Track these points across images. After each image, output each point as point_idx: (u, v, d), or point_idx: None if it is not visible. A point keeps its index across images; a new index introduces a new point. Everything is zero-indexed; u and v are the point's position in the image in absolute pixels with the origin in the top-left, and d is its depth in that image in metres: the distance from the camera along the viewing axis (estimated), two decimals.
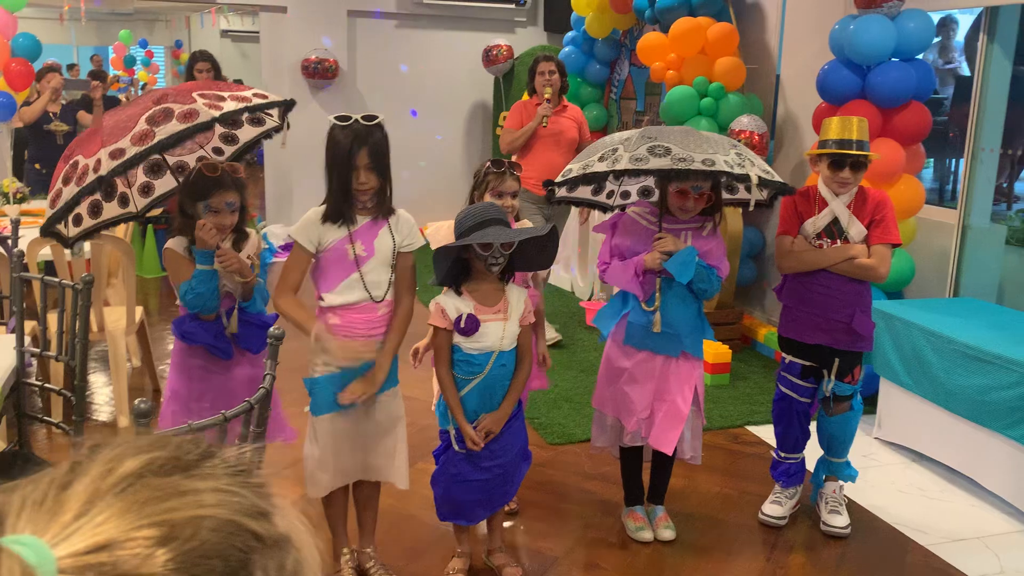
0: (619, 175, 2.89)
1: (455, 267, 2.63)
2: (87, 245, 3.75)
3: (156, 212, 4.79)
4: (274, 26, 7.96)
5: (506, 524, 3.17)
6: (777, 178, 2.77)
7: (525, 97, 5.34)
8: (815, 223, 3.05)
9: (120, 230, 4.16)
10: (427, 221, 8.54)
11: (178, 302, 2.67)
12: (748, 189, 2.80)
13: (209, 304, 2.56)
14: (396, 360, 2.71)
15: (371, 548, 2.81)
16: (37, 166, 6.25)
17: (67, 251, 3.66)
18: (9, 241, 3.78)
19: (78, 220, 2.62)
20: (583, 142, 5.08)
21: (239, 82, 13.09)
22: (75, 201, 2.44)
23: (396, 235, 2.60)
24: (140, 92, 14.81)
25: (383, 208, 2.59)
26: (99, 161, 2.38)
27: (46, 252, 3.71)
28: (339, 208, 2.54)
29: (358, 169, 2.48)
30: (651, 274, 2.89)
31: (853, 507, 3.37)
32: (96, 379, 4.62)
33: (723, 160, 2.62)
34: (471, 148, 8.69)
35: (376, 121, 2.52)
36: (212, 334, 2.61)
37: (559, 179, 2.92)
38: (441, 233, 3.01)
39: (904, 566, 3.01)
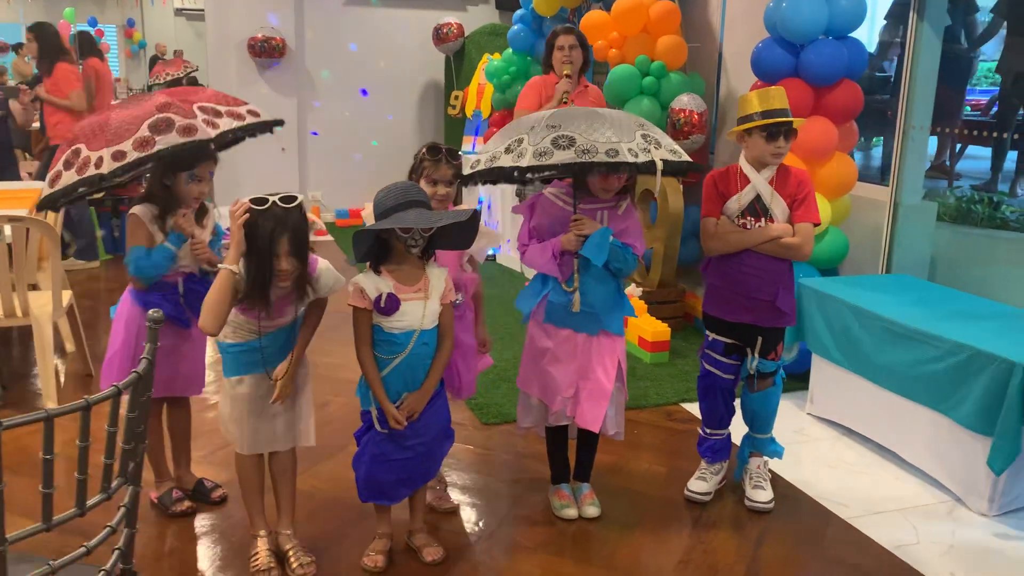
0: (524, 171, 2.72)
1: (375, 247, 2.61)
2: (7, 228, 3.67)
3: (100, 195, 4.72)
4: (220, 3, 7.82)
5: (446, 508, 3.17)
6: (685, 157, 2.76)
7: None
8: (739, 201, 3.06)
9: (52, 216, 4.07)
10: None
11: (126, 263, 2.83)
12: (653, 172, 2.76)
13: (154, 277, 2.79)
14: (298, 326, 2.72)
15: (290, 530, 2.80)
16: None
17: None
18: None
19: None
20: None
21: (179, 52, 12.71)
22: (73, 188, 2.65)
23: (312, 296, 2.65)
24: None
25: (301, 291, 2.58)
26: (101, 159, 2.61)
27: None
28: (254, 297, 2.51)
29: (279, 256, 2.46)
30: (569, 255, 2.88)
31: (780, 482, 3.41)
32: (28, 365, 4.54)
33: (627, 149, 2.60)
34: (423, 127, 8.63)
35: (296, 203, 2.50)
36: (173, 304, 2.85)
37: (467, 172, 2.80)
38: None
39: (823, 539, 3.05)
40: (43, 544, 1.86)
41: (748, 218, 3.05)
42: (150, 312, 1.69)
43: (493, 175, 2.76)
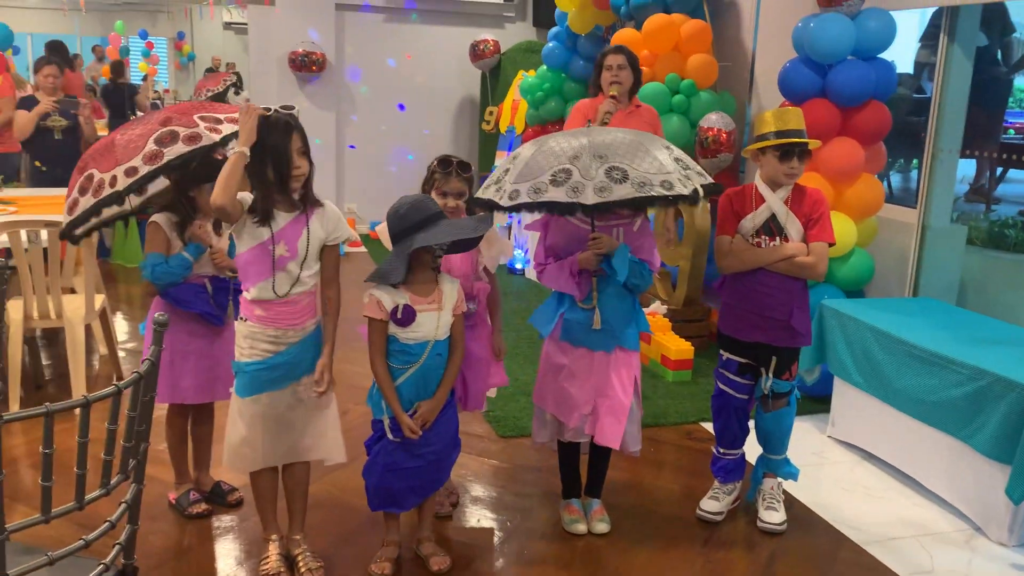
0: (590, 210, 2.65)
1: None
2: (44, 233, 3.80)
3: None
4: (262, 18, 8.01)
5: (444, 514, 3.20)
6: (709, 180, 2.78)
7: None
8: (753, 220, 3.06)
9: None
10: None
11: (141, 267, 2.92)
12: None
13: (169, 283, 2.90)
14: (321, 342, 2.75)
15: (300, 535, 2.84)
16: (38, 163, 5.87)
17: (24, 239, 3.72)
18: None
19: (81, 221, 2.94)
20: None
21: (231, 64, 12.90)
22: (94, 210, 2.79)
23: (320, 231, 2.64)
24: (142, 82, 14.90)
25: (308, 199, 2.63)
26: (115, 177, 2.73)
27: (3, 239, 3.76)
28: (268, 205, 2.56)
29: (291, 155, 2.53)
30: (586, 273, 2.91)
31: (795, 505, 3.38)
32: (63, 366, 4.67)
33: (677, 179, 2.65)
34: (458, 142, 8.72)
35: (296, 109, 2.59)
36: (205, 301, 2.93)
37: (509, 203, 2.68)
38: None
39: (834, 563, 3.02)
40: (57, 540, 1.91)
41: (763, 237, 3.04)
42: (156, 316, 1.76)
43: (542, 208, 2.66)
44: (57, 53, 7.55)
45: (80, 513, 1.58)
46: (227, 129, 2.83)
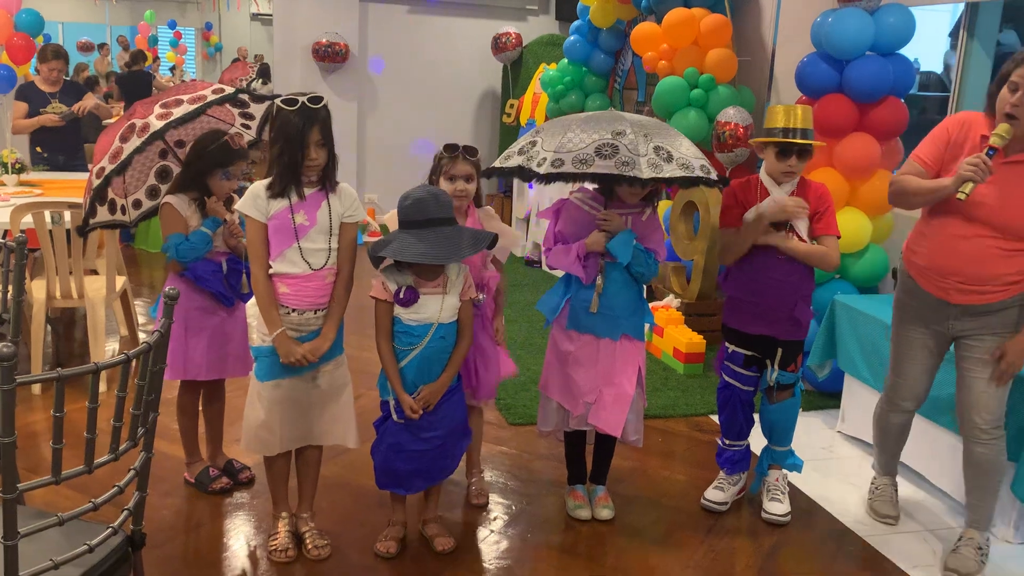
0: (646, 183, 2.70)
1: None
2: (67, 214, 3.88)
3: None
4: (287, 8, 8.08)
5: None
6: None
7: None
8: (757, 211, 3.06)
9: None
10: None
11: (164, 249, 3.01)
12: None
13: (194, 258, 2.97)
14: (342, 330, 2.80)
15: (308, 514, 2.90)
16: (39, 149, 5.87)
17: (48, 220, 3.81)
18: None
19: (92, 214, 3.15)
20: None
21: (259, 56, 12.94)
22: (90, 212, 3.08)
23: (339, 206, 2.70)
24: (171, 73, 15.06)
25: (328, 182, 2.69)
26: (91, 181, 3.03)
27: (28, 220, 3.84)
28: (285, 184, 2.63)
29: (309, 146, 2.58)
30: (594, 257, 2.94)
31: (800, 497, 3.40)
32: (84, 347, 4.77)
33: (709, 165, 2.74)
34: (479, 134, 8.75)
35: (323, 103, 2.62)
36: (220, 281, 3.01)
37: (551, 171, 2.64)
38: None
39: (837, 555, 3.04)
40: (73, 505, 1.98)
41: (769, 231, 3.05)
42: (167, 289, 1.81)
43: (586, 179, 2.77)
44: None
45: (95, 484, 1.64)
46: (180, 110, 2.94)
